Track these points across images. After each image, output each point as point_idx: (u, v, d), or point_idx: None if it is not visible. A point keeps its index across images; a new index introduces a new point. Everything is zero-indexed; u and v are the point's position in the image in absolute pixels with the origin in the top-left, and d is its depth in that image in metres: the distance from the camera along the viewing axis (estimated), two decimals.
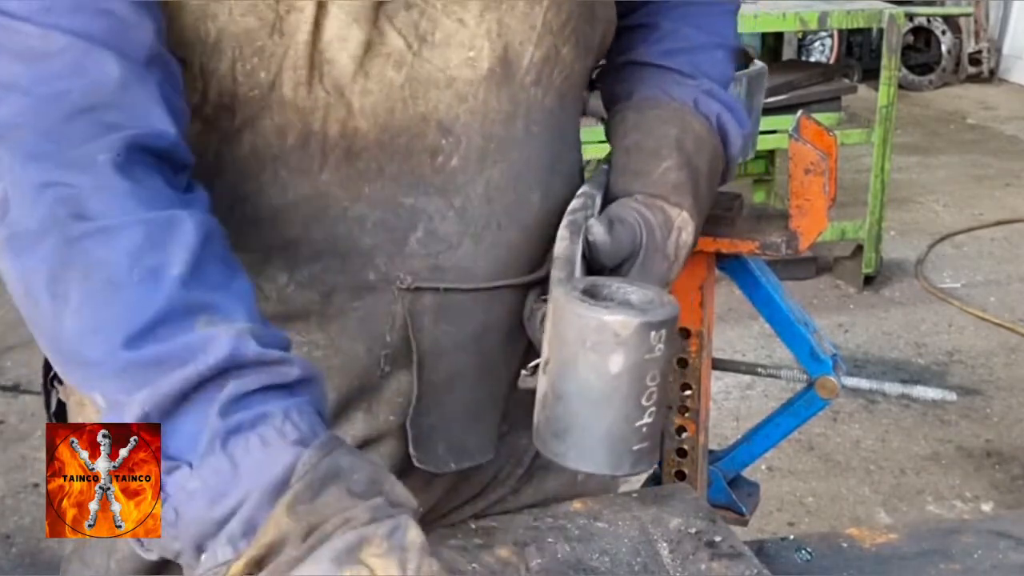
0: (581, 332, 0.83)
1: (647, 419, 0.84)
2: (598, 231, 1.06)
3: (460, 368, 1.18)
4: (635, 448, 0.85)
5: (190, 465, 0.83)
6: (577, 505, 1.34)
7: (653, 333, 0.83)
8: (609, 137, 1.26)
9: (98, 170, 0.87)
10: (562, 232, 1.02)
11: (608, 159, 1.24)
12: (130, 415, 0.84)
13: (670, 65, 1.27)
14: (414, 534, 0.78)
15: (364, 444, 1.17)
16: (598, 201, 1.15)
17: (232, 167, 1.07)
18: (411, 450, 1.18)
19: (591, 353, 0.83)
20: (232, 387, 0.83)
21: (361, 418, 1.17)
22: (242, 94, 1.04)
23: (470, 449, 1.23)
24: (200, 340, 0.84)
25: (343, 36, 1.03)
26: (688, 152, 1.21)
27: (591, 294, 0.87)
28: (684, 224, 1.18)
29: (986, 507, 3.63)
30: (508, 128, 1.12)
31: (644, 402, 0.84)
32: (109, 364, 0.85)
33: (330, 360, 1.14)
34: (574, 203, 1.12)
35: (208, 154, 1.07)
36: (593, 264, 1.07)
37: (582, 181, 1.27)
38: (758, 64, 2.17)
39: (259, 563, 0.78)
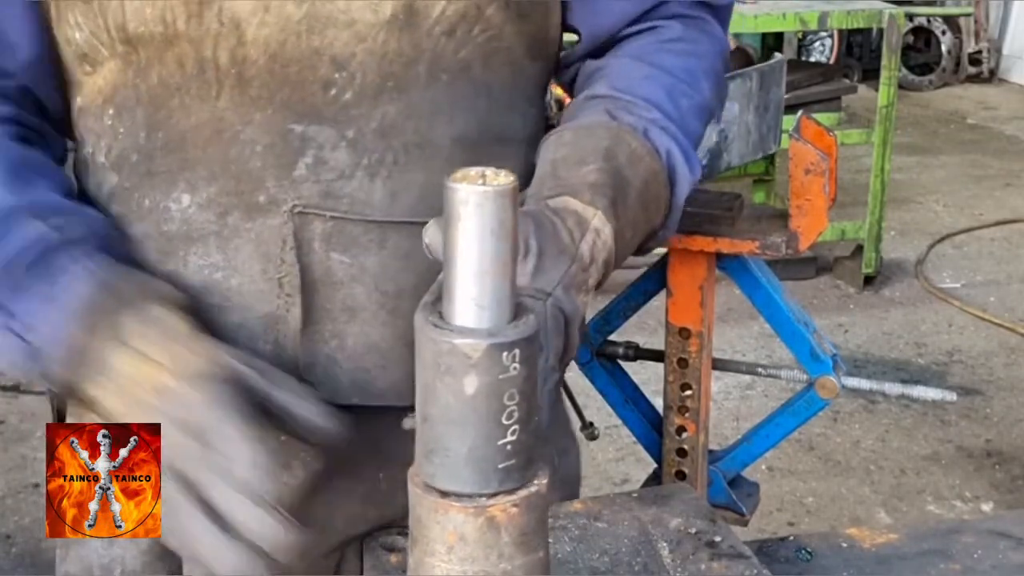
0: (435, 356, 0.85)
1: (511, 437, 0.86)
2: (431, 230, 0.97)
3: (357, 301, 1.21)
4: (501, 466, 0.86)
5: (14, 311, 1.07)
6: (577, 505, 1.34)
7: (505, 354, 0.83)
8: (539, 156, 1.21)
9: None
10: None
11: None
12: None
13: (623, 96, 1.23)
14: (162, 313, 1.07)
15: None
16: None
17: (147, 98, 1.17)
18: (303, 375, 1.20)
19: (447, 376, 0.84)
20: (34, 253, 1.09)
21: (269, 351, 1.20)
22: (132, 29, 1.13)
23: (379, 388, 1.24)
24: (5, 230, 1.10)
25: None
26: (617, 162, 1.14)
27: None
28: (601, 225, 1.10)
29: (986, 507, 3.64)
30: (407, 70, 1.17)
31: (505, 421, 0.85)
32: None
33: (229, 281, 1.20)
34: None
35: (127, 87, 1.17)
36: None
37: (526, 149, 1.28)
38: (777, 56, 2.17)
39: (73, 368, 1.06)
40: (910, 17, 7.92)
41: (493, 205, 0.81)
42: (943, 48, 9.12)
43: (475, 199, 0.81)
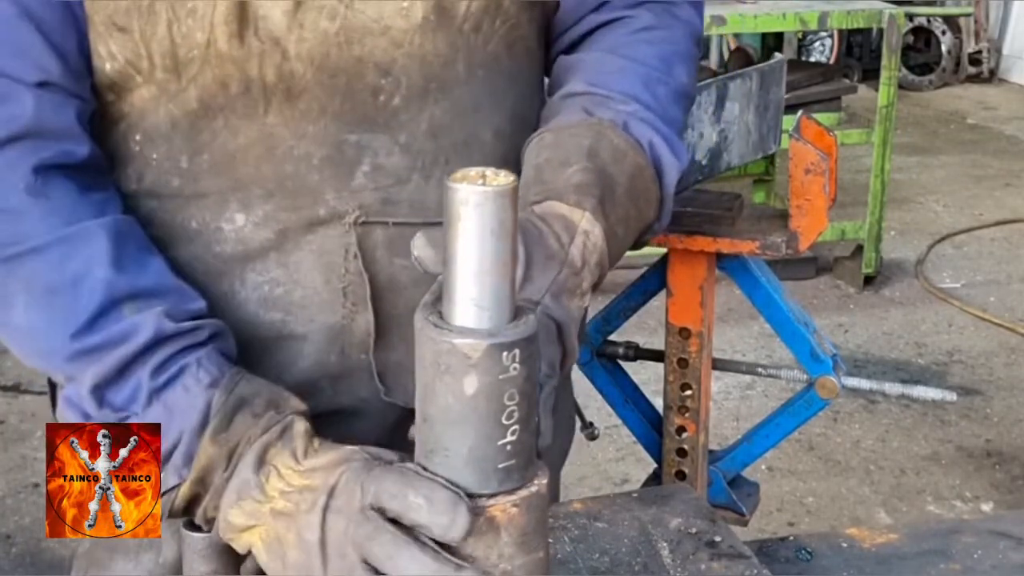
0: (435, 356, 0.84)
1: (510, 437, 0.85)
2: (418, 243, 0.96)
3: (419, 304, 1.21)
4: (501, 466, 0.86)
5: (136, 415, 1.05)
6: (577, 505, 1.34)
7: (505, 354, 0.83)
8: (522, 162, 1.20)
9: (20, 197, 1.08)
10: None
11: None
12: (84, 386, 1.05)
13: (599, 91, 1.22)
14: (299, 427, 1.03)
15: (337, 380, 1.21)
16: None
17: (185, 122, 1.15)
18: (377, 383, 1.21)
19: (446, 375, 0.84)
20: (159, 355, 1.06)
21: (335, 361, 1.21)
22: (183, 56, 1.11)
23: None
24: (131, 326, 1.06)
25: None
26: (601, 160, 1.13)
27: None
28: (590, 227, 1.08)
29: (986, 507, 3.64)
30: (448, 69, 1.17)
31: (505, 421, 0.85)
32: (61, 352, 1.07)
33: (292, 295, 1.19)
34: None
35: (159, 113, 1.15)
36: None
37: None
38: (777, 56, 2.16)
39: (201, 482, 1.03)
40: (910, 17, 7.92)
41: (493, 205, 0.81)
42: (943, 48, 9.11)
43: (475, 199, 0.81)
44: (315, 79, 1.13)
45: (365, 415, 1.23)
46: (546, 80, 1.34)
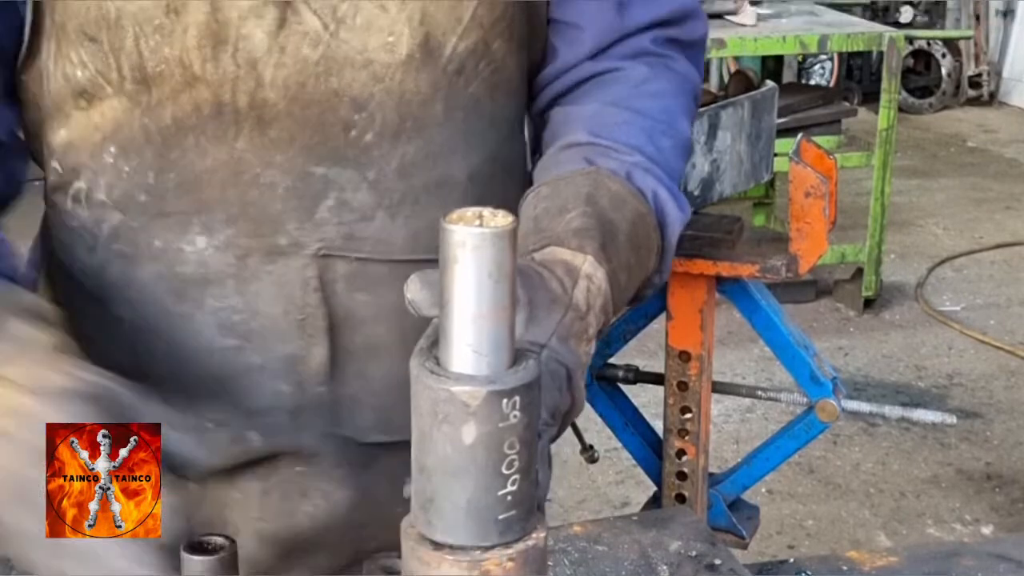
0: (433, 404, 0.81)
1: (511, 487, 0.82)
2: (413, 287, 0.92)
3: (380, 339, 1.20)
4: (501, 518, 0.82)
5: None
6: (577, 528, 1.34)
7: (505, 401, 0.79)
8: (520, 214, 1.16)
9: None
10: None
11: None
12: None
13: (602, 142, 1.19)
14: (15, 327, 0.96)
15: (295, 414, 1.21)
16: None
17: (158, 137, 1.15)
18: (329, 416, 1.21)
19: (444, 424, 0.80)
20: None
21: (290, 392, 1.20)
22: (151, 69, 1.11)
23: (401, 424, 1.20)
24: None
25: (258, 13, 1.10)
26: (601, 206, 1.10)
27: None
28: (593, 270, 1.05)
29: (986, 530, 3.63)
30: (425, 109, 1.16)
31: (505, 470, 0.81)
32: None
33: (249, 324, 1.18)
34: None
35: (134, 126, 1.15)
36: None
37: (527, 178, 1.26)
38: (768, 84, 2.18)
39: None
40: (910, 40, 7.95)
41: (491, 247, 0.78)
42: (943, 71, 9.14)
43: (472, 241, 0.78)
44: (287, 109, 1.13)
45: (325, 453, 1.22)
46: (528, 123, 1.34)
